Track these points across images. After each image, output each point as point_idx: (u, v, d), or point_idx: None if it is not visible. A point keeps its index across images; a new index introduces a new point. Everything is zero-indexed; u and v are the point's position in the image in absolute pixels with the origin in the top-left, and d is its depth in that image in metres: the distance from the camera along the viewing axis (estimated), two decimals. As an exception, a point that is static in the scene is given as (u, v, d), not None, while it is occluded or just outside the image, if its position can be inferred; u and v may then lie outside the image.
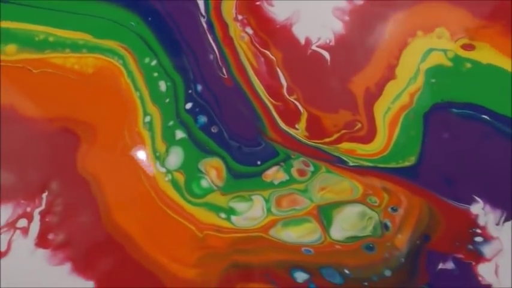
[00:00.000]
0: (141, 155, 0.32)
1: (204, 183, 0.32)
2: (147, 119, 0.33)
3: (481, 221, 0.31)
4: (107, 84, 0.34)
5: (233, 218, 0.31)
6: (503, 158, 0.32)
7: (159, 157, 0.32)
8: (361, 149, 0.33)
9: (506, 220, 0.31)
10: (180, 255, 0.30)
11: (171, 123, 0.33)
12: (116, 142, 0.32)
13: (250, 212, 0.31)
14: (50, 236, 0.30)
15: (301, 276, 0.30)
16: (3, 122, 0.32)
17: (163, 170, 0.32)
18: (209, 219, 0.31)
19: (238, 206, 0.31)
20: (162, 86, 0.33)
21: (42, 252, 0.30)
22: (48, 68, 0.34)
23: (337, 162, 0.32)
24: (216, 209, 0.31)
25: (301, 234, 0.31)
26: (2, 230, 0.30)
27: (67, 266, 0.30)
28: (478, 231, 0.31)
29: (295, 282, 0.30)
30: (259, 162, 0.32)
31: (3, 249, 0.30)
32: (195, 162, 0.32)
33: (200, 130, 0.33)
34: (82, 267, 0.30)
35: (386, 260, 0.30)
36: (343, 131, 0.33)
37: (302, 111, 0.33)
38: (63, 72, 0.34)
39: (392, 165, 0.32)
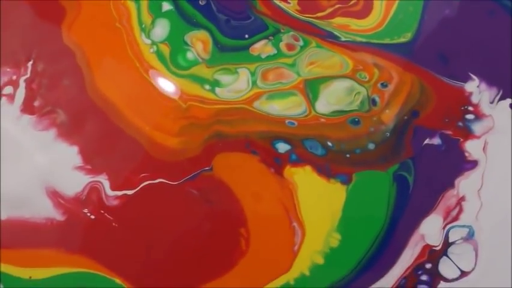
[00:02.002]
0: (126, 26, 0.31)
1: (190, 55, 0.31)
2: (133, -11, 0.32)
3: (474, 99, 0.30)
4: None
5: (217, 89, 0.31)
6: (504, 36, 0.31)
7: (144, 29, 0.31)
8: (355, 24, 0.31)
9: (501, 99, 0.30)
10: (164, 124, 0.30)
11: (157, -6, 0.32)
12: (101, 13, 0.32)
13: (235, 84, 0.31)
14: (36, 103, 0.31)
15: (283, 147, 0.30)
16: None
17: (149, 41, 0.31)
18: (193, 91, 0.30)
19: (223, 78, 0.31)
20: (149, -44, 0.32)
21: (27, 118, 0.30)
22: None
23: (329, 37, 0.31)
24: (200, 80, 0.31)
25: (286, 107, 0.30)
26: (-13, 96, 0.31)
27: (52, 132, 0.30)
28: (470, 108, 0.30)
29: (276, 153, 0.30)
30: (247, 36, 0.31)
31: (-10, 114, 0.30)
32: (181, 35, 0.31)
33: (187, 2, 0.32)
34: (66, 133, 0.30)
35: (371, 134, 0.29)
36: (337, 5, 0.31)
37: (294, -16, 0.31)
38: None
39: (387, 41, 0.31)
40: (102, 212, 0.29)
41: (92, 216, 0.29)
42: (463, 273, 0.29)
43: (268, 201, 0.29)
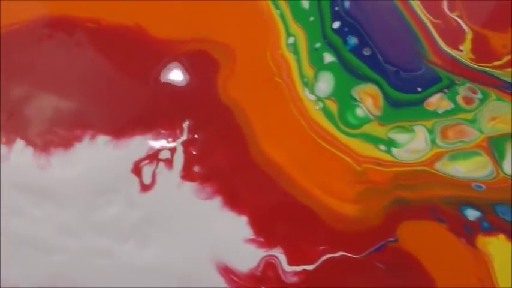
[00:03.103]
0: (287, 80, 0.29)
1: (359, 112, 0.29)
2: (291, 40, 0.29)
3: None
4: (242, 2, 0.30)
5: (394, 150, 0.28)
6: None
7: (307, 83, 0.29)
8: (536, 73, 0.29)
9: None
10: (338, 190, 0.28)
11: (317, 45, 0.29)
12: (258, 66, 0.29)
13: (413, 143, 0.28)
14: (196, 168, 0.28)
15: (472, 214, 0.27)
16: (131, 44, 0.29)
17: (313, 97, 0.29)
18: (367, 152, 0.28)
19: (399, 137, 0.28)
20: (305, 2, 0.30)
21: (189, 185, 0.28)
22: (174, -17, 0.30)
23: (509, 89, 0.29)
24: (374, 140, 0.28)
25: (471, 168, 0.28)
26: (144, 162, 0.28)
27: (217, 200, 0.28)
28: None
29: (465, 220, 0.27)
30: (419, 89, 0.29)
31: (147, 182, 0.28)
32: (347, 89, 0.29)
33: (351, 53, 0.29)
34: (233, 201, 0.28)
35: None
36: (515, 53, 0.29)
37: (466, 30, 0.29)
38: (190, -14, 0.30)
39: None
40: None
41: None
42: None
43: (462, 274, 0.27)
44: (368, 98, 0.29)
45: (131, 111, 0.29)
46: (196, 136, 0.28)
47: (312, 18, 0.29)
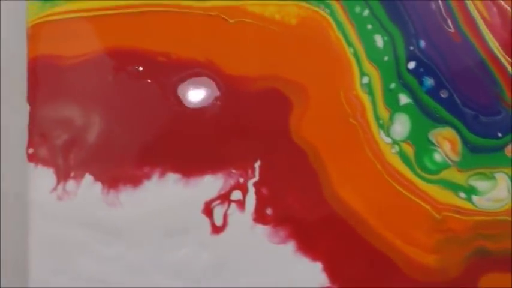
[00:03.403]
0: (361, 121, 0.28)
1: (437, 156, 0.28)
2: (365, 80, 0.29)
3: None
4: (314, 37, 0.29)
5: (474, 198, 0.27)
6: None
7: (382, 125, 0.28)
8: None
9: None
10: (416, 238, 0.27)
11: (392, 85, 0.28)
12: (331, 106, 0.29)
13: (494, 192, 0.27)
14: (268, 211, 0.27)
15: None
16: (201, 80, 0.29)
17: (389, 140, 0.28)
18: (447, 199, 0.27)
19: (480, 184, 0.27)
20: (379, 41, 0.29)
21: (261, 228, 0.27)
22: (245, 18, 0.30)
23: None
24: (453, 187, 0.27)
25: (555, 219, 0.27)
26: (215, 203, 0.27)
27: (291, 245, 0.27)
28: None
29: (552, 274, 0.26)
30: (500, 134, 0.28)
31: (219, 223, 0.27)
32: (424, 132, 0.28)
33: (427, 94, 0.28)
34: (307, 246, 0.27)
35: None
36: None
37: (547, 73, 0.28)
38: (263, 22, 0.30)
39: None
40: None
41: None
42: None
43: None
44: (446, 142, 0.28)
45: (202, 149, 0.28)
46: (267, 176, 0.28)
47: (386, 58, 0.29)
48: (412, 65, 0.29)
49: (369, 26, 0.29)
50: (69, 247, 0.28)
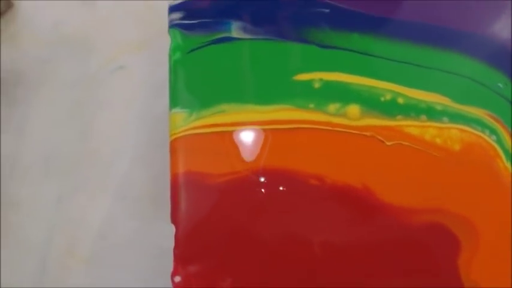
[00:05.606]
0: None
1: None
2: (541, 219, 0.26)
3: None
4: (480, 166, 0.27)
5: None
6: None
7: None
8: None
9: None
10: None
11: None
12: (504, 246, 0.26)
13: None
14: None
15: None
16: (356, 207, 0.27)
17: None
18: None
19: None
20: (552, 173, 0.26)
21: None
22: (403, 140, 0.28)
23: None
24: None
25: None
26: None
27: None
28: None
29: None
30: None
31: None
32: None
33: None
34: None
35: None
36: None
37: None
38: (422, 146, 0.27)
39: None
40: None
41: None
42: None
43: None
44: None
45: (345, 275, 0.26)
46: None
47: None
48: None
49: (541, 157, 0.26)
50: None
